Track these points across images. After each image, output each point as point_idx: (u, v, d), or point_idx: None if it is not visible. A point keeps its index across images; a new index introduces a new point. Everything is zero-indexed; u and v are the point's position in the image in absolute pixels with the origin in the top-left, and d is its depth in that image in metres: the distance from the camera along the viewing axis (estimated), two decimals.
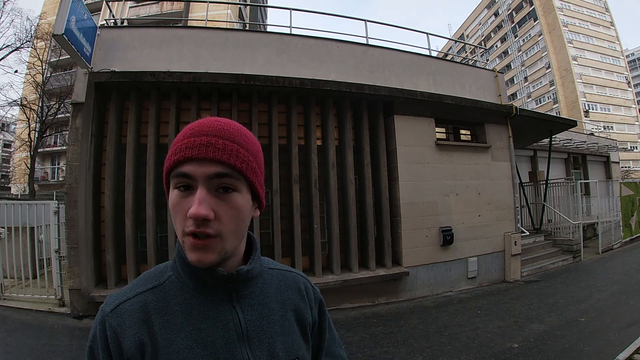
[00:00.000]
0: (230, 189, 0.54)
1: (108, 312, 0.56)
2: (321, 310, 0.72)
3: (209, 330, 0.56)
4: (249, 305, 0.60)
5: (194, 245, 0.52)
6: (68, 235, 4.55)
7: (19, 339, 3.69)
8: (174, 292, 0.58)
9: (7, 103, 14.65)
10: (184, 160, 0.52)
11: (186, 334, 0.55)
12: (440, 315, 4.63)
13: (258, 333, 0.59)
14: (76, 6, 4.30)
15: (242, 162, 0.54)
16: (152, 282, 0.60)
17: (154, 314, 0.56)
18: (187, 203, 0.52)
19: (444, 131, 6.73)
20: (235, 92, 5.07)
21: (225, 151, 0.53)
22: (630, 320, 3.99)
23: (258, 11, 21.44)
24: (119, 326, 0.55)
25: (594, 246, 8.76)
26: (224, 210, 0.53)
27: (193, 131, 0.54)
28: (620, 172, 17.57)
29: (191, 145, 0.52)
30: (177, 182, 0.53)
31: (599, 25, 39.58)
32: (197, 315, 0.56)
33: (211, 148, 0.52)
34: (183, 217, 0.53)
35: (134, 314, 0.56)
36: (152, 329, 0.55)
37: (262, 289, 0.63)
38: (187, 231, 0.52)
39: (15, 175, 19.57)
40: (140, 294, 0.58)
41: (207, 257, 0.53)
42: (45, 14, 17.51)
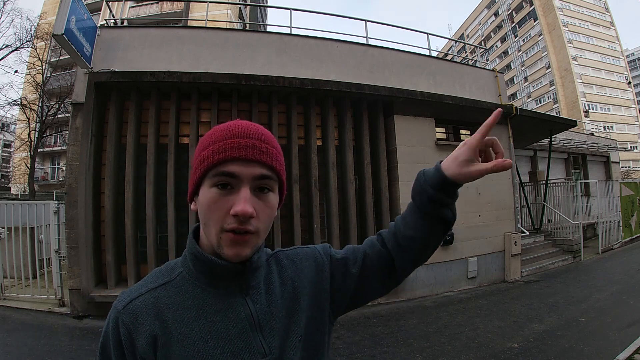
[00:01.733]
0: (267, 189, 0.57)
1: (120, 309, 0.57)
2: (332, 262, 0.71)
3: (222, 322, 0.57)
4: (257, 294, 0.62)
5: (234, 241, 0.55)
6: (68, 235, 4.55)
7: (19, 339, 3.69)
8: (186, 287, 0.59)
9: (7, 103, 14.67)
10: (230, 159, 0.54)
11: (200, 327, 0.56)
12: (440, 315, 4.63)
13: (269, 320, 0.61)
14: (76, 6, 4.31)
15: (280, 165, 0.59)
16: (163, 279, 0.61)
17: (166, 309, 0.57)
18: (227, 201, 0.54)
19: (444, 131, 6.72)
20: (235, 92, 5.07)
21: (269, 154, 0.57)
22: (630, 320, 3.99)
23: (258, 11, 21.43)
24: (132, 323, 0.56)
25: (594, 246, 8.76)
26: (262, 209, 0.56)
27: (235, 132, 0.56)
28: (620, 172, 17.57)
29: (237, 146, 0.55)
30: (218, 180, 0.55)
31: (599, 25, 39.58)
32: (210, 309, 0.58)
33: (257, 150, 0.55)
34: (222, 214, 0.54)
35: (147, 310, 0.57)
36: (166, 324, 0.56)
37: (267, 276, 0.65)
38: (228, 228, 0.54)
39: (15, 175, 19.57)
40: (151, 290, 0.59)
41: (244, 251, 0.56)
42: (45, 14, 17.51)
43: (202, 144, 0.59)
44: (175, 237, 4.71)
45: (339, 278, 0.70)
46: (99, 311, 4.41)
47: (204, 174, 0.56)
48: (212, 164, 0.55)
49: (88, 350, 3.45)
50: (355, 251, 0.73)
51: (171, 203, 4.73)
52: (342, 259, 0.72)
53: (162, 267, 0.65)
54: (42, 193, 16.63)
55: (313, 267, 0.69)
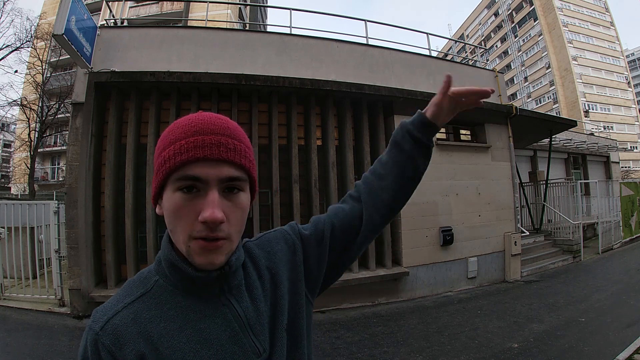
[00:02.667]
0: (236, 189, 0.52)
1: (98, 330, 0.52)
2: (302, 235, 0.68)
3: (210, 329, 0.54)
4: (240, 293, 0.58)
5: (204, 249, 0.50)
6: (68, 235, 4.55)
7: (19, 339, 3.69)
8: (165, 296, 0.55)
9: (7, 103, 14.68)
10: (194, 160, 0.49)
11: (188, 338, 0.52)
12: (440, 315, 4.63)
13: (257, 317, 0.58)
14: (76, 6, 4.30)
15: (250, 162, 0.54)
16: (138, 290, 0.56)
17: (149, 323, 0.52)
18: (193, 206, 0.50)
19: (444, 131, 6.72)
20: (235, 92, 5.07)
21: (237, 151, 0.52)
22: (630, 320, 3.99)
23: (258, 11, 21.43)
24: (114, 344, 0.51)
25: (594, 246, 8.76)
26: (232, 211, 0.52)
27: (198, 128, 0.51)
28: (620, 172, 17.57)
29: (200, 144, 0.49)
30: (182, 184, 0.50)
31: (599, 25, 39.57)
32: (194, 316, 0.54)
33: (223, 148, 0.50)
34: (190, 220, 0.50)
35: (128, 328, 0.52)
36: (151, 340, 0.51)
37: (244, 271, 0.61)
38: (197, 236, 0.50)
39: (15, 175, 19.58)
40: (128, 305, 0.54)
41: (217, 258, 0.52)
42: (45, 14, 17.51)
43: (163, 142, 0.53)
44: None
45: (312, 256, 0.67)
46: None
47: (166, 177, 0.51)
48: (174, 167, 0.50)
49: None
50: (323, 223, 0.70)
51: None
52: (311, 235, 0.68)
53: (135, 278, 0.59)
54: (42, 193, 16.63)
55: (285, 249, 0.66)
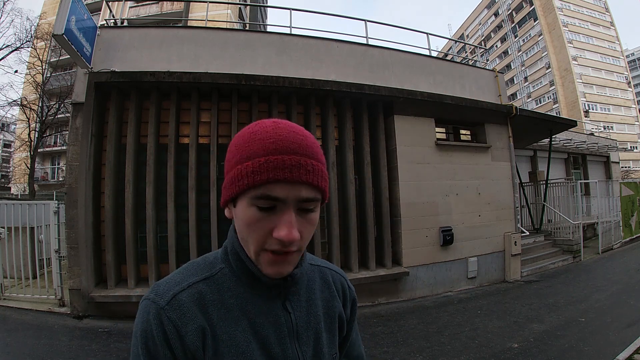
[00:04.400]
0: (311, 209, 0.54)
1: (164, 304, 0.53)
2: (353, 310, 0.73)
3: (263, 325, 0.57)
4: (298, 302, 0.61)
5: (274, 261, 0.53)
6: (68, 235, 4.55)
7: (19, 339, 3.69)
8: (228, 285, 0.57)
9: (7, 103, 14.67)
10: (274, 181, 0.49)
11: (243, 328, 0.55)
12: (440, 315, 4.63)
13: (306, 330, 0.60)
14: (76, 6, 4.30)
15: (325, 182, 0.54)
16: (204, 273, 0.58)
17: (211, 305, 0.55)
18: (268, 222, 0.51)
19: (444, 131, 6.73)
20: (235, 92, 5.07)
21: (316, 174, 0.52)
22: (630, 320, 3.99)
23: (258, 11, 21.43)
24: (179, 319, 0.52)
25: (594, 246, 8.76)
26: (305, 228, 0.53)
27: (277, 146, 0.50)
28: (620, 172, 17.57)
29: (281, 165, 0.49)
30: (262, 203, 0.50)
31: (599, 25, 39.57)
32: (252, 310, 0.57)
33: (303, 171, 0.50)
34: (263, 234, 0.51)
35: (193, 305, 0.54)
36: (212, 321, 0.54)
37: (308, 286, 0.65)
38: (269, 249, 0.52)
39: (15, 175, 19.59)
40: (194, 285, 0.56)
41: (285, 269, 0.55)
42: (45, 14, 17.51)
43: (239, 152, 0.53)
44: (175, 237, 4.71)
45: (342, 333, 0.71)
46: (99, 311, 4.40)
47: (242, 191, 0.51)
48: (252, 185, 0.50)
49: (88, 350, 3.45)
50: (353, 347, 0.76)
51: (171, 203, 4.73)
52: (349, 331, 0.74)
53: (199, 261, 0.61)
54: (42, 193, 16.63)
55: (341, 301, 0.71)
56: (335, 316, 0.67)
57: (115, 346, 3.56)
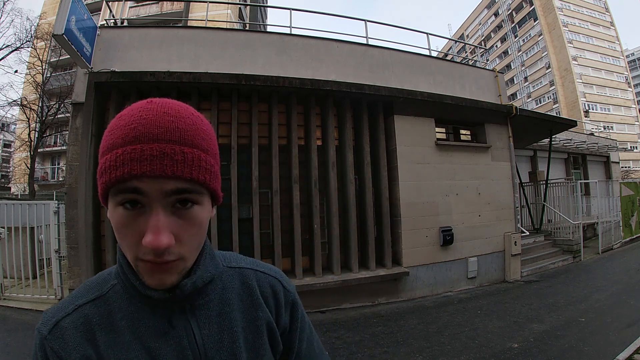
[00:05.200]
0: (189, 202, 0.45)
1: (46, 334, 0.48)
2: (293, 316, 0.60)
3: (159, 350, 0.48)
4: (206, 316, 0.52)
5: (153, 270, 0.45)
6: (68, 235, 4.55)
7: (19, 339, 3.69)
8: (119, 303, 0.50)
9: (7, 103, 14.68)
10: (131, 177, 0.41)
11: (136, 354, 0.47)
12: (440, 315, 4.63)
13: (218, 350, 0.51)
14: (76, 6, 4.30)
15: (204, 173, 0.45)
16: (93, 293, 0.51)
17: (98, 330, 0.48)
18: (137, 225, 0.43)
19: (444, 131, 6.73)
20: (235, 92, 5.07)
21: (186, 163, 0.43)
22: (630, 320, 3.99)
23: (258, 11, 21.44)
24: (62, 349, 0.47)
25: (594, 246, 8.76)
26: (185, 229, 0.45)
27: (137, 132, 0.42)
28: (620, 172, 17.57)
29: (139, 157, 0.41)
30: (123, 198, 0.43)
31: (599, 25, 39.57)
32: (146, 332, 0.49)
33: (167, 161, 0.42)
34: (134, 241, 0.44)
35: (76, 332, 0.48)
36: (98, 349, 0.47)
37: (222, 295, 0.54)
38: (144, 258, 0.44)
39: (15, 175, 19.59)
40: (79, 308, 0.49)
41: (168, 279, 0.46)
42: (45, 14, 17.52)
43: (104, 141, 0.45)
44: None
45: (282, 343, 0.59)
46: None
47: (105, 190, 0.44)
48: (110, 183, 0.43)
49: None
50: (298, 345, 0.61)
51: None
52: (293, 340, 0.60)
53: (94, 279, 0.55)
54: (42, 193, 16.62)
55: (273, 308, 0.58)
56: (261, 329, 0.55)
57: None
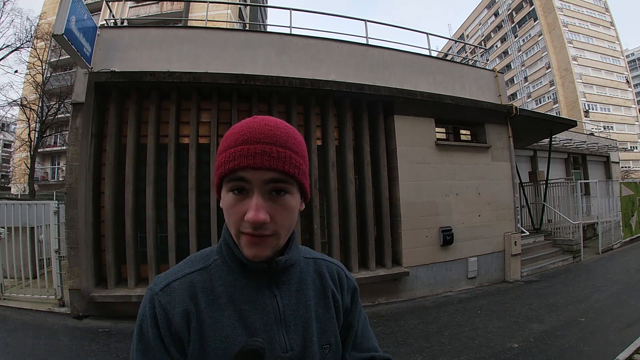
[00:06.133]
0: (282, 191, 0.57)
1: (157, 290, 0.60)
2: (354, 299, 0.74)
3: (249, 312, 0.60)
4: (287, 291, 0.64)
5: (251, 242, 0.56)
6: (68, 235, 4.55)
7: (19, 339, 3.69)
8: (219, 274, 0.62)
9: (7, 103, 14.67)
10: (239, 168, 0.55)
11: (229, 314, 0.59)
12: (440, 315, 4.63)
13: (295, 317, 0.63)
14: (76, 6, 4.30)
15: (294, 168, 0.57)
16: (199, 264, 0.64)
17: (200, 293, 0.60)
18: (242, 206, 0.56)
19: (444, 131, 6.73)
20: (235, 92, 5.07)
21: (280, 159, 0.55)
22: (630, 320, 3.99)
23: (258, 11, 21.43)
24: (169, 303, 0.58)
25: (594, 246, 8.76)
26: (278, 212, 0.56)
27: (246, 137, 0.56)
28: (620, 172, 17.56)
29: (246, 153, 0.55)
30: (233, 185, 0.56)
31: (599, 25, 39.57)
32: (239, 297, 0.61)
33: (266, 157, 0.54)
34: (239, 218, 0.56)
35: (182, 292, 0.60)
36: (199, 306, 0.59)
37: (300, 276, 0.67)
38: (244, 231, 0.56)
39: (15, 175, 19.59)
40: (187, 275, 0.62)
41: (262, 252, 0.57)
42: (45, 14, 17.51)
43: (221, 146, 0.60)
44: (175, 237, 4.71)
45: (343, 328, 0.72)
46: (99, 311, 4.40)
47: (220, 180, 0.58)
48: (224, 172, 0.56)
49: (88, 351, 3.45)
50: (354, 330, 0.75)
51: (171, 203, 4.73)
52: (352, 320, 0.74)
53: (198, 254, 0.67)
54: (42, 193, 16.62)
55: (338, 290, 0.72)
56: (329, 305, 0.68)
57: (115, 346, 3.56)
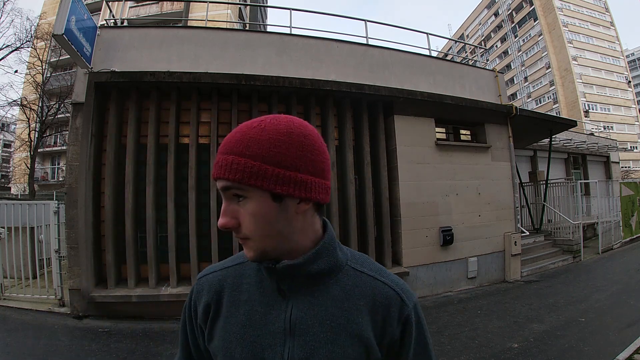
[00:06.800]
0: (240, 196, 0.56)
1: (198, 279, 0.69)
2: (406, 332, 0.61)
3: (262, 315, 0.61)
4: (308, 302, 0.59)
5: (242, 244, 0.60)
6: (68, 235, 4.55)
7: (19, 339, 3.69)
8: (249, 272, 0.65)
9: (7, 103, 14.67)
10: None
11: (244, 311, 0.61)
12: (440, 315, 4.63)
13: (304, 333, 0.57)
14: (76, 6, 4.30)
15: (236, 173, 0.53)
16: (239, 259, 0.68)
17: (227, 287, 0.64)
18: None
19: (444, 131, 6.72)
20: (235, 92, 5.07)
21: (223, 167, 0.55)
22: (630, 320, 3.99)
23: (258, 11, 21.43)
24: (198, 292, 0.67)
25: (594, 246, 8.76)
26: (243, 216, 0.57)
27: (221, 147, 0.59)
28: (620, 172, 17.56)
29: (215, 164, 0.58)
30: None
31: (599, 25, 39.57)
32: (258, 298, 0.62)
33: (217, 167, 0.57)
34: None
35: (212, 284, 0.66)
36: (221, 300, 0.64)
37: (329, 290, 0.60)
38: None
39: (15, 175, 19.60)
40: (225, 269, 0.67)
41: (249, 254, 0.59)
42: (45, 14, 17.51)
43: None
44: (175, 237, 4.71)
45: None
46: (99, 311, 4.40)
47: None
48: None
49: (88, 351, 3.45)
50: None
51: (171, 203, 4.73)
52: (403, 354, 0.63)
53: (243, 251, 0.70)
54: (42, 193, 16.62)
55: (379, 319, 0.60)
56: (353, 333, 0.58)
57: (115, 346, 3.56)
